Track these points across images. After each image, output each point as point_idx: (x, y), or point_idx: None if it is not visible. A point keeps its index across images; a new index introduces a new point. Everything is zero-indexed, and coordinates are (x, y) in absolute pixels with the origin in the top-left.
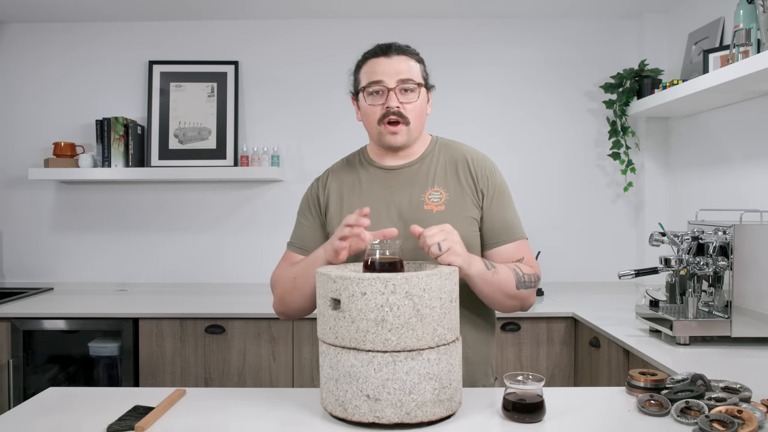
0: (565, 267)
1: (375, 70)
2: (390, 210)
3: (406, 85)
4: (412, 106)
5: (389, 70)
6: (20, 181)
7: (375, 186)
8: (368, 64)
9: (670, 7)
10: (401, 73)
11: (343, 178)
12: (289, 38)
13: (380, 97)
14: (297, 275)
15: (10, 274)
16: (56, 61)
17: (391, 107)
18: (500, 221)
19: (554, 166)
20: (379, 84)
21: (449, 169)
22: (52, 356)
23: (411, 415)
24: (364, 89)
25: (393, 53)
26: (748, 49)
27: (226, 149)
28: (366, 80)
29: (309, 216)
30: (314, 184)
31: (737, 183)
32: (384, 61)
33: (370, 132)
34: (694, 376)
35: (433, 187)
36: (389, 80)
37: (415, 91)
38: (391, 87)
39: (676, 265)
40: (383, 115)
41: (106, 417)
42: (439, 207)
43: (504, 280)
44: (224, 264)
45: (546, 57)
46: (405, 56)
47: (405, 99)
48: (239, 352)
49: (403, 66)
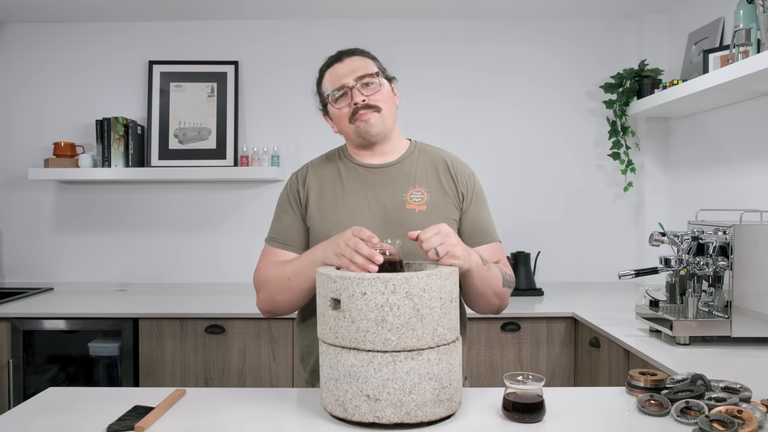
0: (565, 267)
1: (333, 77)
2: (372, 207)
3: (365, 80)
4: (377, 96)
5: (345, 71)
6: (20, 181)
7: (355, 183)
8: (325, 76)
9: (670, 7)
10: (357, 71)
11: (323, 173)
12: (289, 38)
13: (345, 98)
14: (291, 275)
15: (10, 274)
16: (56, 61)
17: (357, 103)
18: (478, 223)
19: (554, 165)
20: (340, 88)
21: (429, 170)
22: (52, 356)
23: (411, 415)
24: (329, 97)
25: (345, 57)
26: (748, 49)
27: (226, 149)
28: (328, 89)
29: (290, 210)
30: (293, 179)
31: (737, 183)
32: (338, 66)
33: (347, 134)
34: (694, 376)
35: (414, 187)
36: (348, 80)
37: (375, 82)
38: (351, 85)
39: (676, 265)
40: (353, 113)
41: (106, 417)
42: (421, 207)
43: (495, 276)
44: (224, 264)
45: (546, 57)
46: (356, 56)
47: (368, 92)
48: (239, 352)
49: (357, 64)
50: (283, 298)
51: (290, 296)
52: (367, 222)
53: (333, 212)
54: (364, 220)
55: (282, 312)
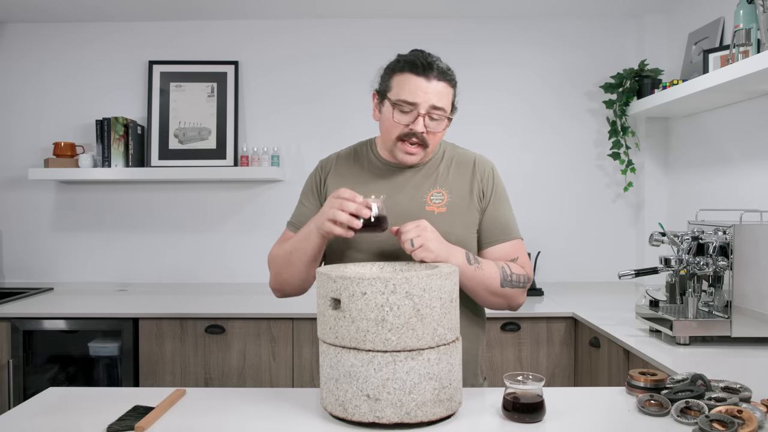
0: (565, 267)
1: (410, 89)
2: (392, 209)
3: (436, 113)
4: (436, 135)
5: (425, 94)
6: (20, 181)
7: (378, 183)
8: (405, 77)
9: (670, 7)
10: (435, 100)
11: (347, 169)
12: (289, 38)
13: (407, 116)
14: (291, 249)
15: (10, 274)
16: (56, 61)
17: (416, 131)
18: (498, 220)
19: (554, 165)
20: (411, 105)
21: (453, 171)
22: (52, 356)
23: (411, 415)
24: (394, 104)
25: (433, 77)
26: (748, 49)
27: (226, 149)
28: (398, 95)
29: (311, 198)
30: (318, 168)
31: (737, 183)
32: (422, 83)
33: (386, 140)
34: (694, 376)
35: (435, 188)
36: (422, 105)
37: (442, 120)
38: (422, 113)
39: (676, 265)
40: (405, 134)
41: (106, 417)
42: (440, 209)
43: (488, 276)
44: (224, 264)
45: (546, 57)
46: (444, 81)
47: (432, 127)
48: (239, 352)
49: (439, 91)
50: (288, 274)
51: (293, 272)
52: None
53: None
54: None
55: (289, 290)
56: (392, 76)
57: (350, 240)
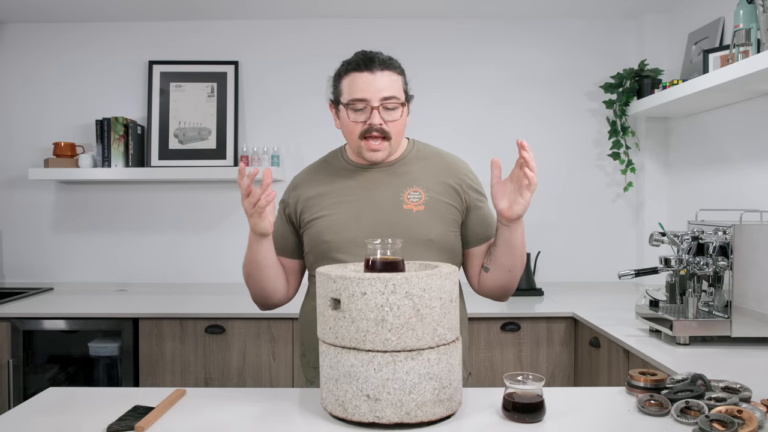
0: (565, 267)
1: (358, 86)
2: (369, 209)
3: (389, 103)
4: (394, 123)
5: (372, 87)
6: (20, 181)
7: (353, 184)
8: (351, 78)
9: (670, 7)
10: (384, 90)
11: (318, 176)
12: (289, 38)
13: (362, 113)
14: (245, 262)
15: (10, 274)
16: (56, 61)
17: (374, 125)
18: (484, 219)
19: (554, 166)
20: (362, 102)
21: (427, 170)
22: (52, 356)
23: (411, 415)
24: (347, 105)
25: (376, 68)
26: (748, 49)
27: (226, 149)
28: (348, 95)
29: (280, 217)
30: (287, 188)
31: (737, 183)
32: (368, 77)
33: (351, 143)
34: (694, 376)
35: (411, 187)
36: (373, 98)
37: (397, 108)
38: (374, 106)
39: (676, 265)
40: (365, 131)
41: (106, 417)
42: (418, 207)
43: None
44: (224, 264)
45: (546, 57)
46: (388, 71)
47: (388, 116)
48: (239, 352)
49: (386, 82)
50: (252, 284)
51: (253, 282)
52: (363, 224)
53: (325, 215)
54: (360, 223)
55: (263, 300)
56: (340, 81)
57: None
